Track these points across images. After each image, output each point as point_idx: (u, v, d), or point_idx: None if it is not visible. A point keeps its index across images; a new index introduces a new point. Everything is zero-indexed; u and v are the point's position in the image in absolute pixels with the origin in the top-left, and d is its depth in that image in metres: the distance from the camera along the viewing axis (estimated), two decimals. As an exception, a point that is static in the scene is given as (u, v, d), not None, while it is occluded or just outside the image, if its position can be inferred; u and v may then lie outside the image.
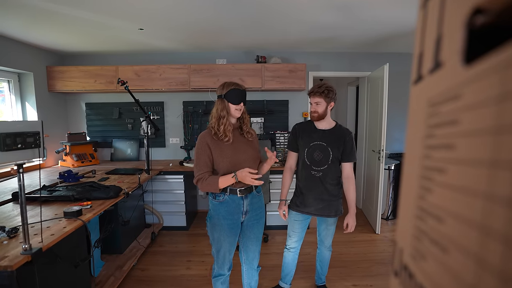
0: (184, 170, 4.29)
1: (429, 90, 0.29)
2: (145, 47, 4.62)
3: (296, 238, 2.66)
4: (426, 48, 0.30)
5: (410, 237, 0.32)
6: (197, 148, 2.14)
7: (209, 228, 2.23)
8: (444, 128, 0.26)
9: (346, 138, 2.41)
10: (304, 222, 2.62)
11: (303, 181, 2.51)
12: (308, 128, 2.51)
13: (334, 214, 2.53)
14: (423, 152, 0.30)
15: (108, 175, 3.78)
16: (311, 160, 2.44)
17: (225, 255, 2.23)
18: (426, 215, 0.29)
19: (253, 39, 4.26)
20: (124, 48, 4.64)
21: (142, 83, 4.54)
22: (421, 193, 0.30)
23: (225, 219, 2.17)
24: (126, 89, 3.65)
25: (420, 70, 0.31)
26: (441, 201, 0.26)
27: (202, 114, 4.97)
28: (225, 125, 2.13)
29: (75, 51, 4.78)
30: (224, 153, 2.11)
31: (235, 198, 2.17)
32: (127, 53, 4.94)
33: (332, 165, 2.43)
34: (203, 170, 2.09)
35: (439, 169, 0.27)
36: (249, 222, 2.28)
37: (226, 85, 2.15)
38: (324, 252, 2.78)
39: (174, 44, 4.45)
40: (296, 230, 2.63)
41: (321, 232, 2.71)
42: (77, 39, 4.09)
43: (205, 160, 2.10)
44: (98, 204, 2.52)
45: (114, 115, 5.04)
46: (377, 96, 4.37)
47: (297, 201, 2.57)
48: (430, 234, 0.28)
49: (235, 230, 2.21)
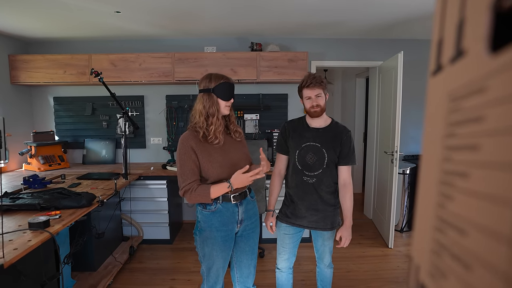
0: (167, 175, 4.28)
1: (449, 82, 0.29)
2: (123, 33, 4.61)
3: (286, 255, 2.60)
4: (446, 34, 0.30)
5: (428, 252, 0.32)
6: (180, 153, 2.09)
7: (199, 243, 2.20)
8: (467, 126, 0.26)
9: (343, 138, 2.38)
10: (296, 236, 2.57)
11: (294, 188, 2.48)
12: (299, 126, 2.48)
13: (331, 227, 2.49)
14: (443, 154, 0.30)
15: (79, 181, 3.76)
16: (303, 163, 2.41)
17: (218, 274, 2.22)
18: (446, 227, 0.29)
19: (247, 24, 4.26)
20: (98, 33, 4.62)
21: (119, 74, 4.53)
22: (440, 201, 0.30)
23: (219, 230, 2.15)
24: (100, 81, 3.63)
25: (439, 59, 0.31)
26: (464, 211, 0.26)
27: (188, 110, 4.95)
28: (216, 124, 2.11)
29: (42, 38, 4.76)
30: (213, 157, 2.09)
31: (229, 206, 2.16)
32: (102, 40, 4.93)
33: (328, 170, 2.40)
34: (190, 180, 2.06)
35: (461, 173, 0.27)
36: (244, 232, 2.28)
37: (214, 77, 2.14)
38: (324, 270, 2.72)
39: (155, 29, 4.44)
40: (286, 245, 2.58)
41: (318, 248, 2.65)
42: (44, 23, 4.06)
43: (191, 167, 2.07)
44: (68, 214, 2.50)
45: (86, 111, 5.01)
46: (390, 89, 4.39)
47: (287, 211, 2.53)
48: (451, 248, 0.28)
49: (229, 243, 2.21)
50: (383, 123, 4.77)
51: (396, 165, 4.21)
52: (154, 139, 5.13)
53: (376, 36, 4.87)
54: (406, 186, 4.78)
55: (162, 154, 5.10)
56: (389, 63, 4.41)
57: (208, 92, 2.13)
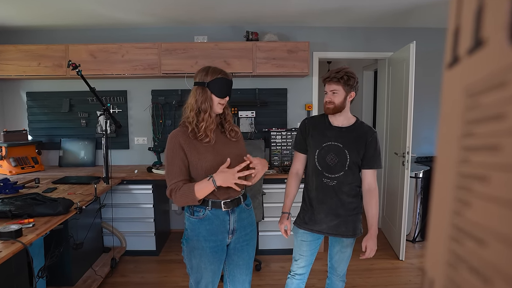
0: (153, 179, 4.28)
1: (467, 76, 0.29)
2: (104, 21, 4.60)
3: (304, 263, 2.63)
4: (463, 21, 0.30)
5: (443, 265, 0.32)
6: (168, 150, 2.12)
7: (186, 253, 2.22)
8: (486, 124, 0.26)
9: (368, 139, 2.41)
10: (314, 243, 2.60)
11: (313, 192, 2.51)
12: (321, 124, 2.51)
13: (352, 234, 2.52)
14: (459, 155, 0.30)
15: (55, 185, 3.75)
16: (323, 165, 2.44)
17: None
18: (463, 236, 0.29)
19: (242, 11, 4.26)
20: (76, 21, 4.60)
21: (100, 67, 4.51)
22: (457, 208, 0.30)
23: (207, 240, 2.15)
24: (78, 75, 3.63)
25: (455, 50, 0.31)
26: (483, 218, 0.26)
27: (177, 106, 4.96)
28: (207, 122, 2.12)
29: (14, 26, 4.73)
30: (203, 156, 2.10)
31: (219, 213, 2.16)
32: (81, 28, 4.90)
33: (350, 172, 2.43)
34: (177, 179, 2.08)
35: (480, 176, 0.27)
36: (237, 244, 2.27)
37: (212, 71, 2.15)
38: (335, 283, 2.72)
39: (140, 16, 4.43)
40: (304, 253, 2.61)
41: (333, 255, 2.67)
42: (16, 10, 4.05)
43: (179, 165, 2.09)
44: (42, 222, 2.49)
45: (63, 108, 5.00)
46: (401, 84, 4.40)
47: (305, 217, 2.57)
48: (469, 260, 0.28)
49: (219, 255, 2.20)
50: (393, 121, 4.79)
51: (407, 167, 4.22)
52: (138, 139, 5.12)
53: (385, 24, 4.89)
54: (418, 191, 4.80)
55: (147, 155, 5.09)
56: (400, 54, 4.42)
57: (203, 86, 2.13)
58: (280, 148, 4.64)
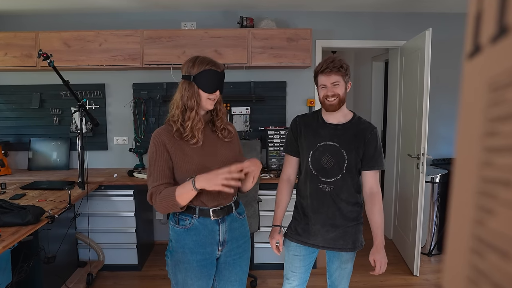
0: (135, 184, 4.28)
1: (490, 67, 0.29)
2: (78, 5, 4.58)
3: (296, 282, 2.60)
4: (486, 6, 0.30)
5: (462, 281, 0.32)
6: (150, 151, 2.12)
7: (170, 266, 2.22)
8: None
9: (367, 136, 2.39)
10: (308, 257, 2.58)
11: (307, 199, 2.48)
12: (314, 121, 2.49)
13: (352, 247, 2.49)
14: (481, 157, 0.30)
15: (24, 191, 3.75)
16: (318, 168, 2.42)
17: (194, 307, 2.23)
18: (485, 249, 0.29)
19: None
20: (47, 6, 4.59)
21: (74, 57, 4.50)
22: (479, 217, 0.30)
23: (194, 253, 2.15)
24: (50, 66, 3.62)
25: (477, 38, 0.31)
26: (508, 228, 0.26)
27: (161, 101, 4.96)
28: (194, 120, 2.10)
29: (-25, 9, 4.73)
30: (188, 157, 2.10)
31: (208, 222, 2.16)
32: (53, 14, 4.90)
33: (348, 176, 2.40)
34: (159, 182, 2.07)
35: (504, 181, 0.27)
36: (228, 257, 2.28)
37: (199, 61, 2.12)
38: None
39: (119, 0, 4.43)
40: (296, 269, 2.58)
41: (333, 272, 2.65)
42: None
43: (162, 167, 2.09)
44: (9, 233, 2.49)
45: (33, 104, 4.98)
46: (415, 76, 4.41)
47: (298, 228, 2.54)
48: (491, 275, 0.28)
49: (207, 269, 2.20)
50: (407, 119, 4.80)
51: (422, 171, 4.22)
52: (118, 138, 5.12)
53: (397, 9, 4.89)
54: (435, 197, 4.81)
55: (128, 157, 5.08)
56: (414, 42, 4.43)
57: (189, 79, 2.11)
58: (278, 149, 4.64)
